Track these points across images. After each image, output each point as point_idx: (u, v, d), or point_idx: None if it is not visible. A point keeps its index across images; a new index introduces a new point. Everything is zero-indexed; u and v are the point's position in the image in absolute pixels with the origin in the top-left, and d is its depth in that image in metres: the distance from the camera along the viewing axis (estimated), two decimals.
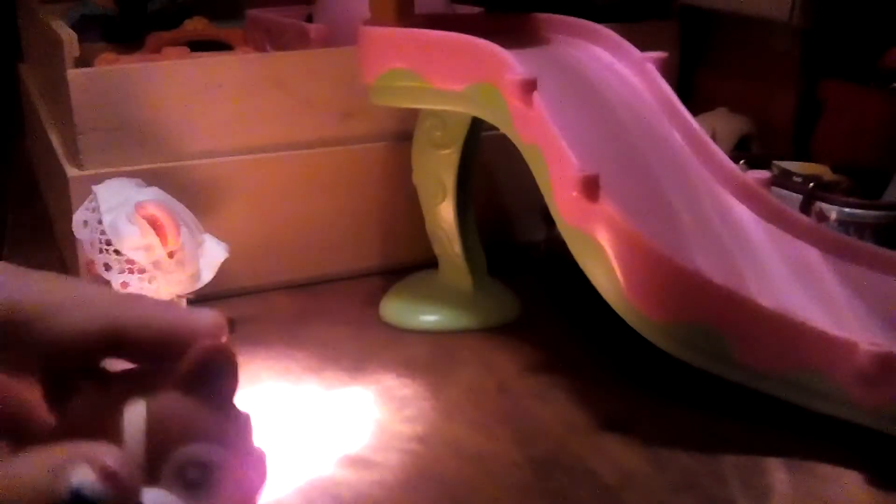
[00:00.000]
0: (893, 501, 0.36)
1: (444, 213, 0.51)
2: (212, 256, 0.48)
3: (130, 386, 0.25)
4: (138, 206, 0.45)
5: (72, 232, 0.51)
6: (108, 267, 0.45)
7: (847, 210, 0.52)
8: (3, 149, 0.84)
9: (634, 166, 0.45)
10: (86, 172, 0.51)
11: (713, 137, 0.56)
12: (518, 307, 0.51)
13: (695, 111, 0.49)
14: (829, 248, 0.45)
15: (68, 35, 0.52)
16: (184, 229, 0.46)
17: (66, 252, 0.56)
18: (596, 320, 0.49)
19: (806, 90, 0.64)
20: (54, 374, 0.26)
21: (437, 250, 0.52)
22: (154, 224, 0.45)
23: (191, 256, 0.46)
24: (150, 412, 0.25)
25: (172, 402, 0.25)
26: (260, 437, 0.39)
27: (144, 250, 0.45)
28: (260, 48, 0.67)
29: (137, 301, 0.27)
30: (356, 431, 0.40)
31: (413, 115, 0.51)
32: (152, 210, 0.45)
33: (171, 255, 0.45)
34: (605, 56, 0.51)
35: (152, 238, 0.45)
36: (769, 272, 0.42)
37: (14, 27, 0.84)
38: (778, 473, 0.37)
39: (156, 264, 0.45)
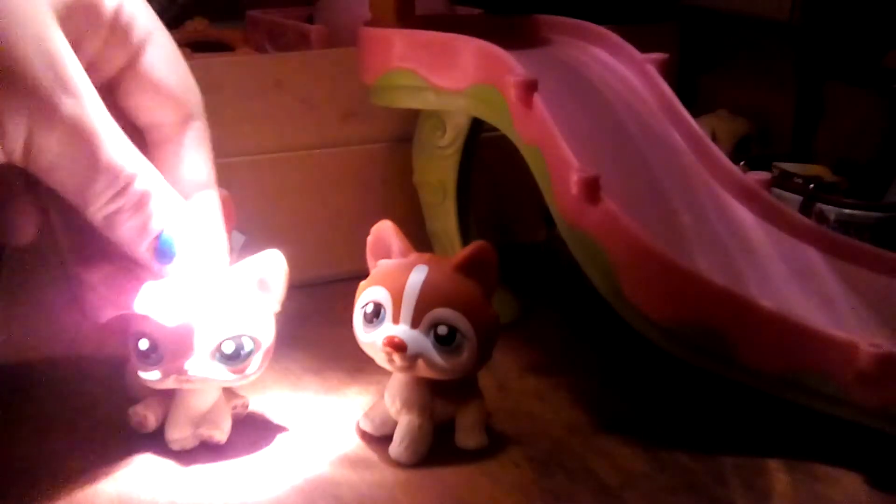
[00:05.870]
0: (894, 502, 0.36)
1: (444, 214, 0.51)
2: (236, 239, 0.49)
3: (423, 260, 0.37)
4: None
5: None
6: None
7: (847, 211, 0.52)
8: None
9: (635, 167, 0.45)
10: None
11: (713, 138, 0.56)
12: (518, 307, 0.51)
13: (695, 112, 0.49)
14: (829, 249, 0.45)
15: None
16: None
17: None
18: (596, 320, 0.49)
19: (806, 91, 0.64)
20: None
21: (437, 251, 0.52)
22: None
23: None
24: (428, 275, 0.36)
25: (447, 275, 0.36)
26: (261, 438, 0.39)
27: None
28: (260, 49, 0.67)
29: None
30: (356, 432, 0.40)
31: (413, 115, 0.51)
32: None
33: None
34: (605, 57, 0.51)
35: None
36: (769, 273, 0.42)
37: None
38: (778, 473, 0.37)
39: None
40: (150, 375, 0.36)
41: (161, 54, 0.37)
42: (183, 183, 0.37)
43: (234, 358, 0.36)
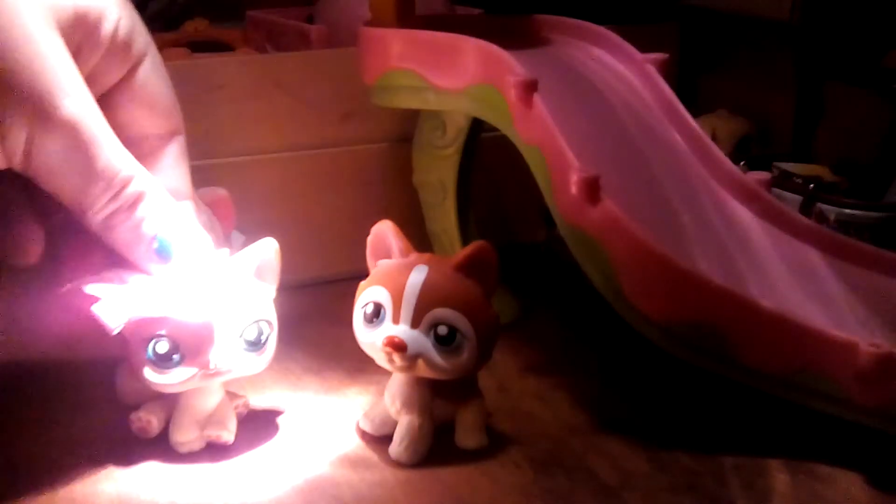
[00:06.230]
0: (893, 502, 0.36)
1: (444, 214, 0.51)
2: (236, 239, 0.48)
3: (423, 260, 0.37)
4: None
5: None
6: None
7: (847, 211, 0.52)
8: None
9: (635, 167, 0.45)
10: None
11: (713, 138, 0.56)
12: (518, 307, 0.51)
13: (695, 112, 0.49)
14: (829, 249, 0.45)
15: None
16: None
17: None
18: (596, 320, 0.49)
19: (806, 91, 0.64)
20: None
21: (437, 251, 0.52)
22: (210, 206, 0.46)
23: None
24: (428, 275, 0.36)
25: (447, 275, 0.36)
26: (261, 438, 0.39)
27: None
28: (260, 49, 0.67)
29: None
30: (356, 432, 0.40)
31: (413, 115, 0.51)
32: (214, 193, 0.45)
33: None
34: (605, 57, 0.51)
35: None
36: (769, 273, 0.42)
37: None
38: (778, 474, 0.37)
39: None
40: (171, 378, 0.36)
41: (154, 69, 0.38)
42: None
43: (257, 343, 0.37)
